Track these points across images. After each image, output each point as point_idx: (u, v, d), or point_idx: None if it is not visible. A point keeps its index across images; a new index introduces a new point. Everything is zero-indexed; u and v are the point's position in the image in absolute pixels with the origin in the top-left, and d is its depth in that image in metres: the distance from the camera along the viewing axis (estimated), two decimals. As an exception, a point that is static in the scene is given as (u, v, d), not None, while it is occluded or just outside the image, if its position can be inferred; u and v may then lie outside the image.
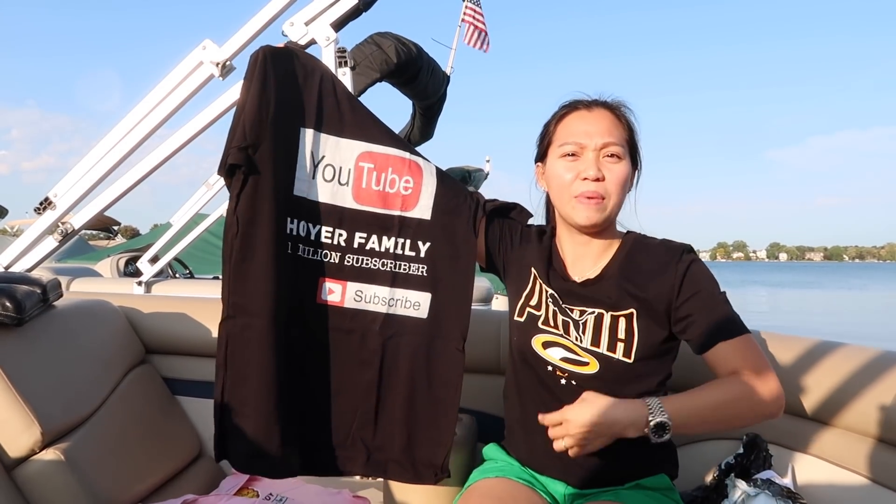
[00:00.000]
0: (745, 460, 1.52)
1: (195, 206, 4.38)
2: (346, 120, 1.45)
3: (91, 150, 1.85)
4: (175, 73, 1.81)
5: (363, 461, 1.47)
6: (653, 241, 1.42)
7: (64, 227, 1.86)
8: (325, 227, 1.44)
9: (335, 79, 1.47)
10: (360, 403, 1.47)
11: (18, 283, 1.59)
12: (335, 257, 1.45)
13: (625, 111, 1.40)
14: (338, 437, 1.47)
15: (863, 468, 1.45)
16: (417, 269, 1.48)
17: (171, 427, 2.00)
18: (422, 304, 1.48)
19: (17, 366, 1.50)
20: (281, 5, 1.75)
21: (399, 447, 1.47)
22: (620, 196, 1.36)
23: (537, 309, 1.42)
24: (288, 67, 1.40)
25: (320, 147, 1.42)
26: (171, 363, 2.13)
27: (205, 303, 2.20)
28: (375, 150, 1.46)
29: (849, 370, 1.49)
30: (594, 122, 1.36)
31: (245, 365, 1.37)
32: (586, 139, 1.35)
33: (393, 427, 1.47)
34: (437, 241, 1.48)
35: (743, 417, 1.29)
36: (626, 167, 1.36)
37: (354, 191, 1.45)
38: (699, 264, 1.34)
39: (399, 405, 1.47)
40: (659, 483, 1.37)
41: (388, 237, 1.47)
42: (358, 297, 1.46)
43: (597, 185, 1.33)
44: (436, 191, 1.49)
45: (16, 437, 1.44)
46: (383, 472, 1.49)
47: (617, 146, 1.34)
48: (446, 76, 4.02)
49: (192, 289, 4.69)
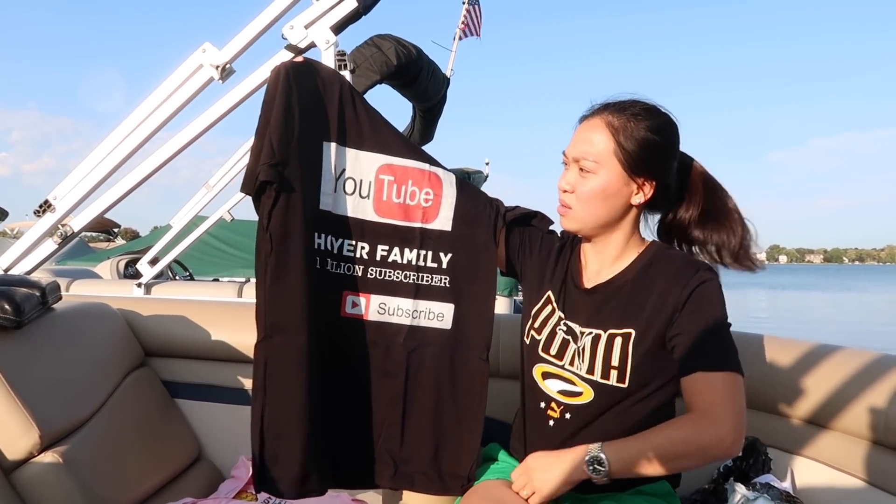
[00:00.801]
0: (743, 464, 1.52)
1: (195, 209, 4.39)
2: (365, 132, 1.44)
3: (91, 153, 1.85)
4: (175, 75, 1.81)
5: (390, 474, 1.46)
6: (676, 254, 1.38)
7: (63, 230, 1.87)
8: (348, 240, 1.44)
9: (353, 90, 1.46)
10: (386, 416, 1.46)
11: (17, 285, 1.59)
12: (358, 270, 1.45)
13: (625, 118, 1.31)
14: (365, 451, 1.46)
15: (862, 471, 1.45)
16: (440, 281, 1.48)
17: (169, 430, 2.00)
18: (445, 315, 1.48)
19: (15, 368, 1.50)
20: (281, 9, 1.76)
21: (426, 458, 1.46)
22: (589, 208, 1.33)
23: (539, 332, 1.42)
24: (310, 81, 1.39)
25: (340, 160, 1.42)
26: (170, 366, 2.12)
27: (203, 306, 2.20)
28: (395, 163, 1.46)
29: (847, 373, 1.49)
30: (583, 133, 1.34)
31: (285, 386, 1.35)
32: (568, 151, 1.36)
33: (419, 438, 1.46)
34: (459, 251, 1.48)
35: (689, 461, 1.26)
36: (596, 181, 1.31)
37: (375, 203, 1.45)
38: (713, 284, 1.30)
39: (425, 416, 1.46)
40: (660, 489, 1.37)
41: (409, 249, 1.46)
42: (381, 310, 1.46)
43: (563, 195, 1.35)
44: (456, 201, 1.48)
45: (14, 440, 1.44)
46: (410, 485, 1.47)
47: (589, 161, 1.31)
48: (446, 78, 4.03)
49: (191, 290, 4.70)
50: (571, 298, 1.41)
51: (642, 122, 1.31)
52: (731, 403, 1.23)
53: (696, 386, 1.24)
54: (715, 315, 1.28)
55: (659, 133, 1.32)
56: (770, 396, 1.60)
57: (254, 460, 1.35)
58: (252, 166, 1.32)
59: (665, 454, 1.23)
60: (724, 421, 1.21)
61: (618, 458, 1.23)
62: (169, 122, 1.85)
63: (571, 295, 1.41)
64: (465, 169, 5.76)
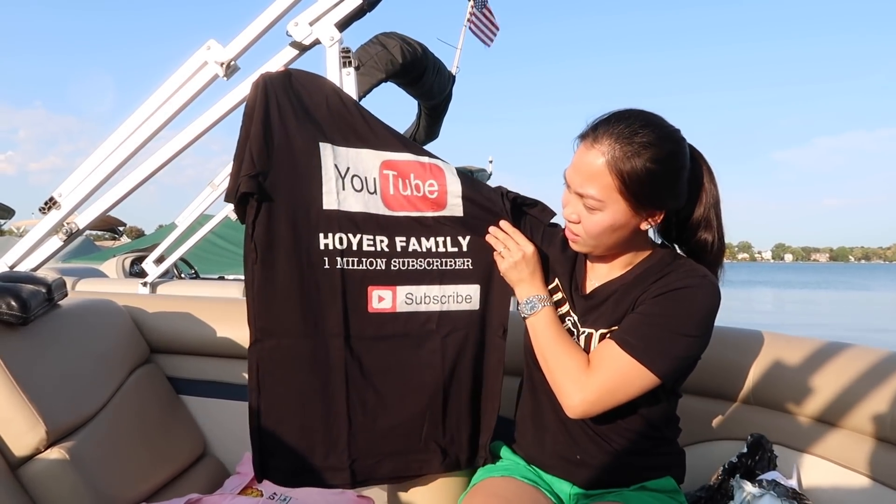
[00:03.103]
0: (749, 461, 1.51)
1: (200, 207, 4.39)
2: (360, 131, 1.46)
3: (96, 150, 1.85)
4: (179, 73, 1.81)
5: (440, 461, 1.47)
6: (680, 262, 1.34)
7: (69, 227, 1.87)
8: (367, 235, 1.44)
9: (341, 92, 1.48)
10: (428, 405, 1.47)
11: (24, 282, 1.59)
12: (381, 264, 1.45)
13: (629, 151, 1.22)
14: (410, 443, 1.47)
15: (869, 469, 1.44)
16: (463, 264, 1.50)
17: (175, 426, 2.00)
18: (473, 297, 1.50)
19: (22, 365, 1.50)
20: (285, 5, 1.75)
21: (467, 438, 1.50)
22: (600, 238, 1.30)
23: None
24: (290, 89, 1.41)
25: (342, 159, 1.43)
26: (176, 362, 2.13)
27: (209, 302, 2.21)
28: (395, 159, 1.47)
29: (854, 371, 1.48)
30: (584, 163, 1.25)
31: (279, 385, 1.38)
32: (570, 179, 1.29)
33: (461, 421, 1.49)
34: (476, 233, 1.50)
35: (552, 379, 1.33)
36: (602, 217, 1.26)
37: (384, 198, 1.46)
38: (695, 291, 1.26)
39: (464, 400, 1.49)
40: (665, 485, 1.37)
41: (426, 237, 1.48)
42: (409, 300, 1.46)
43: (571, 224, 1.32)
44: (461, 188, 1.50)
45: (21, 436, 1.45)
46: (458, 466, 1.50)
47: (594, 200, 1.24)
48: (452, 76, 4.01)
49: (197, 289, 4.71)
50: (573, 300, 1.42)
51: (645, 152, 1.21)
52: (607, 381, 1.26)
53: (603, 349, 1.29)
54: (672, 314, 1.26)
55: (664, 163, 1.24)
56: (776, 394, 1.59)
57: (254, 453, 1.38)
58: (234, 177, 1.34)
59: (551, 353, 1.33)
60: (586, 388, 1.27)
61: (536, 320, 1.37)
62: (173, 119, 1.85)
63: (574, 296, 1.42)
64: (469, 167, 5.76)
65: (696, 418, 1.66)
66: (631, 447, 1.34)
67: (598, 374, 1.27)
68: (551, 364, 1.33)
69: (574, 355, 1.32)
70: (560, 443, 1.38)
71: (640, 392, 1.26)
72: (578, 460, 1.36)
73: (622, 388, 1.26)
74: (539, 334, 1.36)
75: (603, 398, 1.26)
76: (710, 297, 1.27)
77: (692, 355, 1.30)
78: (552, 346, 1.34)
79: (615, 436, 1.34)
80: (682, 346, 1.26)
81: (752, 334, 1.68)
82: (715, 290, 1.28)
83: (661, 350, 1.24)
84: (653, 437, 1.36)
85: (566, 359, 1.31)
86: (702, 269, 1.31)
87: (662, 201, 1.28)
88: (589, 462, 1.35)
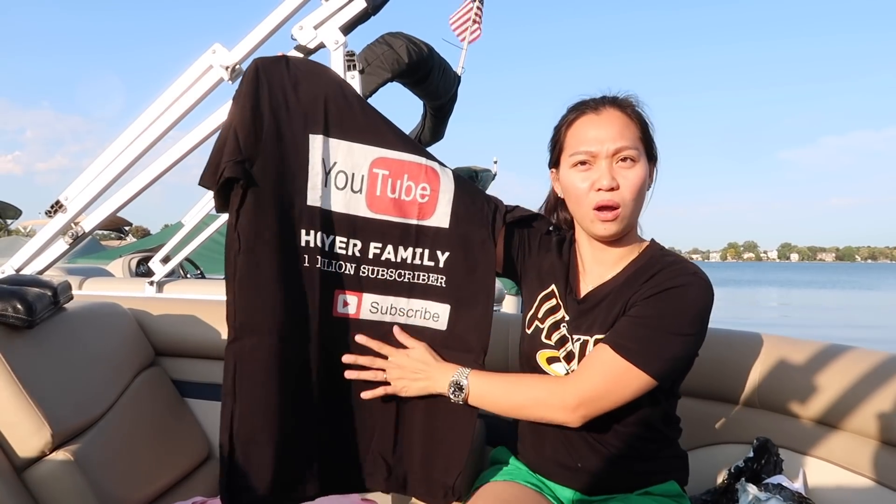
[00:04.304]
0: (755, 465, 1.51)
1: (206, 207, 4.40)
2: (358, 124, 1.39)
3: (102, 154, 1.86)
4: (185, 76, 1.82)
5: (384, 477, 1.42)
6: (670, 258, 1.34)
7: (75, 230, 1.88)
8: (340, 237, 1.38)
9: (343, 82, 1.42)
10: (378, 418, 1.42)
11: (29, 285, 1.60)
12: (350, 269, 1.39)
13: (636, 106, 1.34)
14: (357, 454, 1.42)
15: (874, 472, 1.44)
16: (436, 280, 1.43)
17: (180, 429, 2.01)
18: (441, 316, 1.43)
19: (27, 368, 1.51)
20: (290, 9, 1.76)
21: (418, 462, 1.43)
22: (638, 202, 1.31)
23: (542, 322, 1.42)
24: (285, 74, 1.34)
25: (331, 153, 1.36)
26: (181, 366, 2.13)
27: (214, 305, 2.21)
28: (390, 156, 1.40)
29: (860, 374, 1.47)
30: (604, 126, 1.30)
31: (256, 389, 1.30)
32: (597, 146, 1.29)
33: (412, 442, 1.43)
34: (456, 250, 1.43)
35: (532, 414, 1.33)
36: (641, 170, 1.29)
37: (368, 199, 1.39)
38: (686, 289, 1.26)
39: (418, 419, 1.42)
40: (669, 490, 1.37)
41: (404, 247, 1.42)
42: (374, 309, 1.41)
43: (612, 194, 1.29)
44: (454, 198, 1.44)
45: (27, 439, 1.46)
46: (403, 488, 1.44)
47: (630, 149, 1.28)
48: (457, 76, 4.01)
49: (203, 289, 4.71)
50: (567, 305, 1.41)
51: (639, 108, 1.35)
52: (600, 382, 1.26)
53: (596, 353, 1.29)
54: (665, 314, 1.26)
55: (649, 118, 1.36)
56: (781, 397, 1.59)
57: (221, 469, 1.29)
58: (213, 160, 1.28)
59: (516, 403, 1.33)
60: (578, 390, 1.26)
61: (476, 392, 1.34)
62: (179, 122, 1.85)
63: (568, 301, 1.41)
64: (473, 167, 5.75)
65: (700, 421, 1.66)
66: (631, 452, 1.34)
67: (586, 377, 1.27)
68: (522, 400, 1.33)
69: (531, 378, 1.36)
70: (559, 451, 1.38)
71: (636, 394, 1.25)
72: (579, 468, 1.36)
73: (617, 391, 1.25)
74: (488, 394, 1.35)
75: (596, 401, 1.26)
76: (703, 294, 1.26)
77: (688, 354, 1.29)
78: (510, 390, 1.35)
79: (614, 441, 1.33)
80: (677, 346, 1.26)
81: (756, 337, 1.68)
82: (707, 287, 1.28)
83: (655, 352, 1.24)
84: (653, 441, 1.36)
85: (527, 386, 1.34)
86: (692, 266, 1.30)
87: (656, 156, 1.37)
88: (589, 469, 1.35)
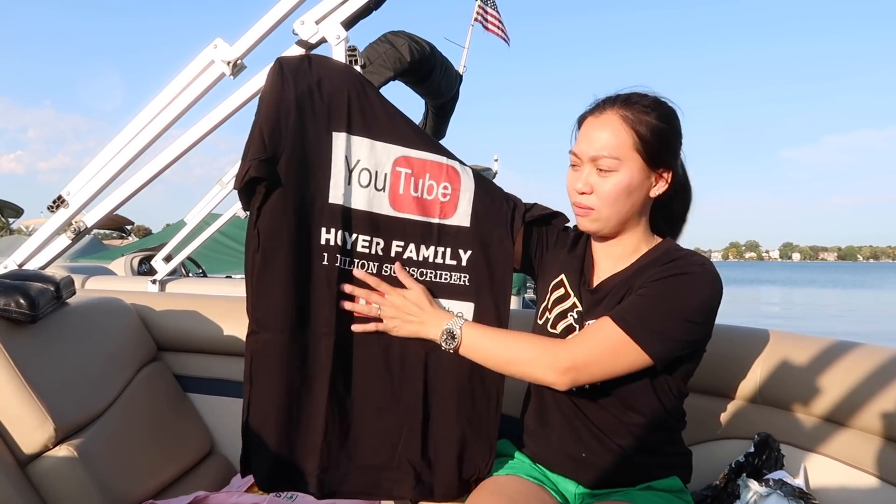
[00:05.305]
0: (756, 460, 1.51)
1: (208, 206, 4.40)
2: (380, 123, 1.39)
3: (104, 149, 1.86)
4: (186, 71, 1.82)
5: (411, 484, 1.39)
6: (680, 253, 1.35)
7: (77, 225, 1.88)
8: (362, 235, 1.38)
9: (365, 80, 1.41)
10: (404, 421, 1.40)
11: (32, 280, 1.60)
12: (373, 267, 1.39)
13: (637, 111, 1.30)
14: (383, 458, 1.40)
15: (876, 469, 1.43)
16: (459, 279, 1.43)
17: (182, 424, 2.02)
18: (465, 314, 1.42)
19: (30, 362, 1.51)
20: (291, 4, 1.75)
21: (446, 465, 1.41)
22: (615, 207, 1.31)
23: (551, 311, 1.43)
24: (308, 73, 1.34)
25: (354, 151, 1.36)
26: (183, 360, 2.14)
27: (216, 300, 2.22)
28: (412, 155, 1.40)
29: (863, 370, 1.47)
30: (595, 131, 1.31)
31: (267, 381, 1.33)
32: (582, 150, 1.32)
33: (440, 444, 1.41)
34: (478, 248, 1.43)
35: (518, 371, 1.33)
36: (620, 177, 1.29)
37: (391, 197, 1.39)
38: (695, 278, 1.28)
39: (446, 421, 1.41)
40: (671, 485, 1.37)
41: (426, 246, 1.42)
42: None
43: (583, 198, 1.32)
44: (474, 196, 1.44)
45: (30, 433, 1.46)
46: (431, 495, 1.41)
47: (607, 159, 1.29)
48: (459, 75, 4.01)
49: (205, 288, 4.71)
50: (580, 295, 1.41)
51: (653, 112, 1.31)
52: (595, 349, 1.26)
53: (598, 323, 1.29)
54: (671, 295, 1.27)
55: (669, 121, 1.33)
56: (783, 393, 1.58)
57: (242, 446, 1.33)
58: (244, 161, 1.29)
59: (508, 357, 1.33)
60: (572, 353, 1.26)
61: (469, 342, 1.33)
62: (180, 118, 1.85)
63: (582, 291, 1.42)
64: (475, 166, 5.76)
65: (702, 417, 1.66)
66: (636, 445, 1.34)
67: (582, 342, 1.28)
68: (515, 355, 1.32)
69: (526, 335, 1.36)
70: (565, 441, 1.38)
71: (629, 369, 1.26)
72: (584, 458, 1.36)
73: (610, 361, 1.25)
74: (481, 346, 1.34)
75: (587, 367, 1.26)
76: (711, 286, 1.28)
77: (690, 341, 1.29)
78: (503, 344, 1.34)
79: (621, 433, 1.34)
80: (679, 329, 1.26)
81: (759, 333, 1.67)
82: (716, 280, 1.28)
83: (656, 330, 1.24)
84: (658, 436, 1.36)
85: (521, 342, 1.33)
86: (703, 258, 1.32)
87: (669, 160, 1.33)
88: (594, 460, 1.35)
